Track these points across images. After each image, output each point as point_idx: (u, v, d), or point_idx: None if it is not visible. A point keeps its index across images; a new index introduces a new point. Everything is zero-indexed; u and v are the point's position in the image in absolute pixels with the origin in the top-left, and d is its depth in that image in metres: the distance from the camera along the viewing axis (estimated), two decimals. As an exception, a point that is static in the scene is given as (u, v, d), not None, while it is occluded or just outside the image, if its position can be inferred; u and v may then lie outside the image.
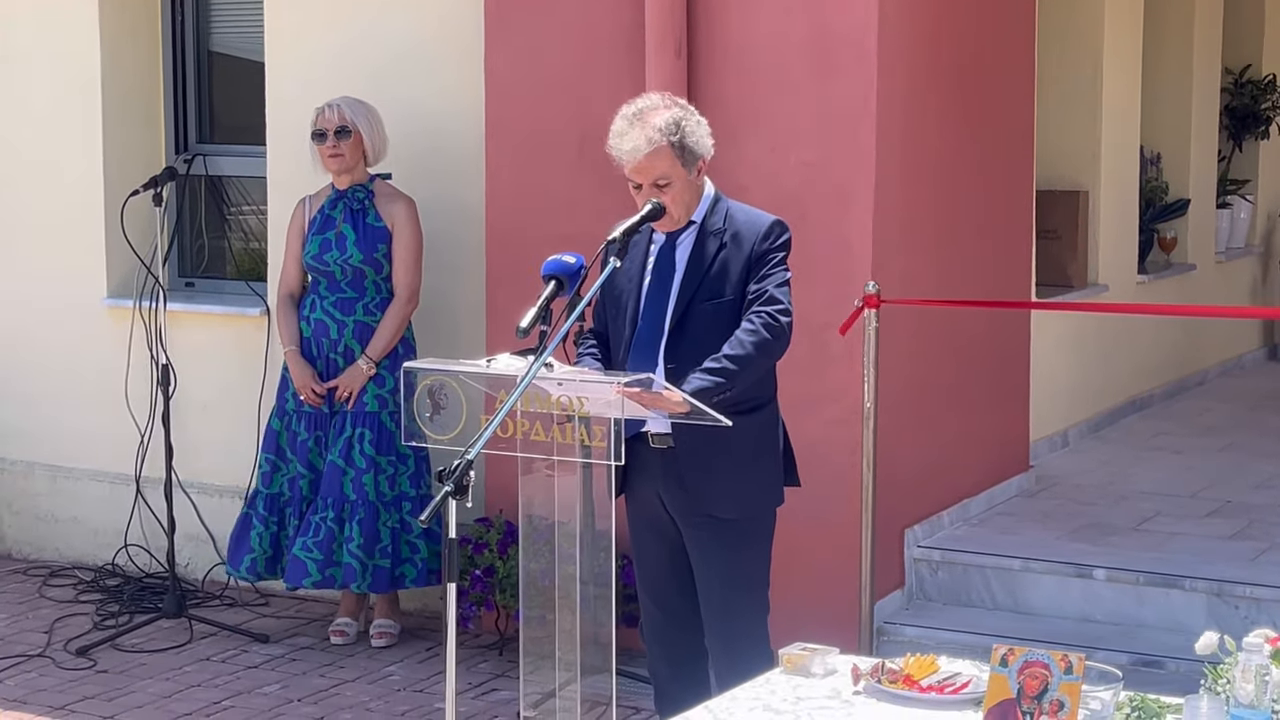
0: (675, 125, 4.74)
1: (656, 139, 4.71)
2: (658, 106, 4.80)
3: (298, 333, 6.86)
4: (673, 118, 4.76)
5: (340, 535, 6.72)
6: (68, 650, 6.83)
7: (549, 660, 4.61)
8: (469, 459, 3.97)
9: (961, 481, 7.16)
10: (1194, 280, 10.50)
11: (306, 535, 6.71)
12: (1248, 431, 9.09)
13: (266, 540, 6.85)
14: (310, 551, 6.70)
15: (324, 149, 6.79)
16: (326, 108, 6.80)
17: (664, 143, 4.72)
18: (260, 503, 6.88)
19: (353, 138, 6.78)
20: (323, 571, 6.71)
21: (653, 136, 4.71)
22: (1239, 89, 11.50)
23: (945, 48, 6.78)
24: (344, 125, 6.76)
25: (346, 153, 6.78)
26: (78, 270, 7.90)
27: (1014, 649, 3.53)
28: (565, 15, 6.62)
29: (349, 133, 6.77)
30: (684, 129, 4.76)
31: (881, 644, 6.25)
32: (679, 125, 4.75)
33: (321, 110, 6.81)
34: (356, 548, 6.70)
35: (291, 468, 6.84)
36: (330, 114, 6.78)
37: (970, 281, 7.05)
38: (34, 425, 8.11)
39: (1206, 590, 6.30)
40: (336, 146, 6.77)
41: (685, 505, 4.85)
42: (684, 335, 4.79)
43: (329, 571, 6.71)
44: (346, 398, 6.74)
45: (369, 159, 6.86)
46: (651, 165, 4.73)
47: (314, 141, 6.82)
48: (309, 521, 6.73)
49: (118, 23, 7.82)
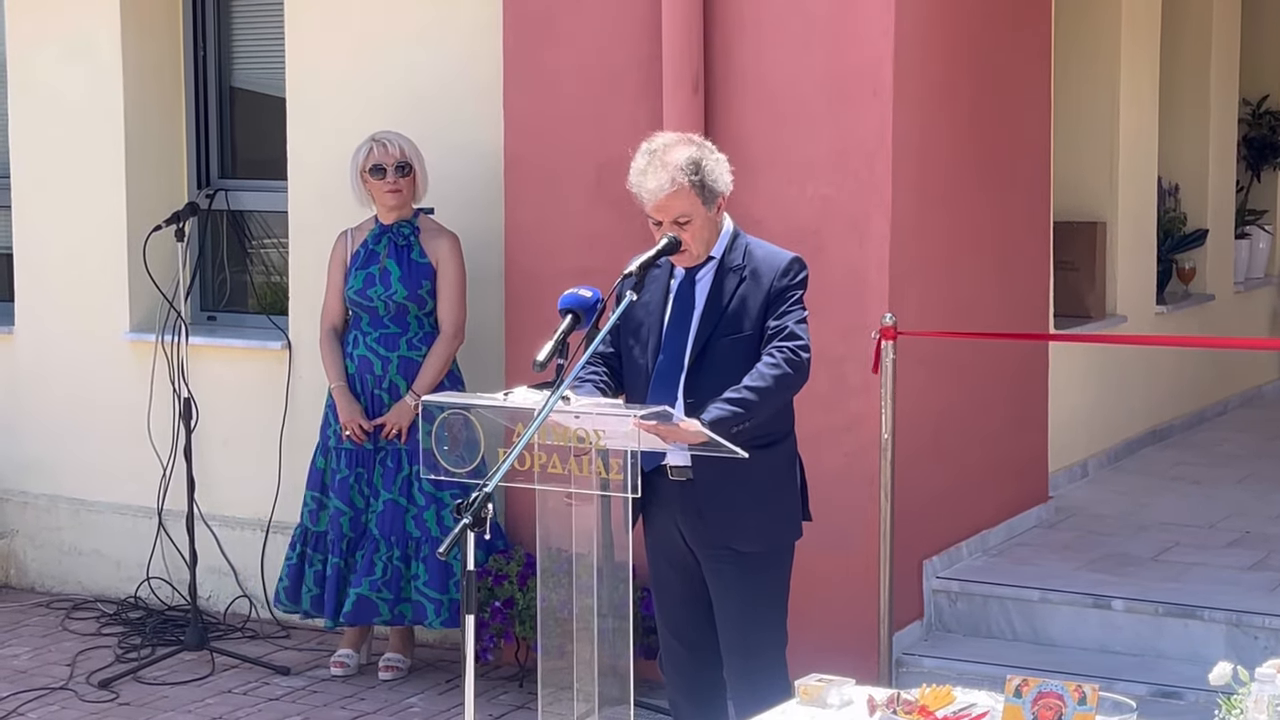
0: (695, 165, 4.78)
1: (679, 178, 4.75)
2: (677, 144, 4.84)
3: (344, 368, 6.85)
4: (692, 157, 4.79)
5: (407, 573, 6.72)
6: (90, 683, 6.86)
7: (568, 691, 4.63)
8: (487, 491, 4.01)
9: (980, 512, 7.17)
10: (1212, 311, 10.49)
11: (372, 575, 6.69)
12: (1267, 462, 9.07)
13: (311, 579, 6.86)
14: (380, 591, 6.69)
15: (382, 184, 6.72)
16: (385, 143, 6.74)
17: (685, 182, 4.76)
18: (309, 541, 6.88)
19: (410, 175, 6.76)
20: (392, 610, 6.72)
21: (676, 176, 4.75)
22: (1257, 119, 11.50)
23: (961, 80, 6.81)
24: (405, 162, 6.72)
25: (405, 189, 6.75)
26: (100, 304, 7.95)
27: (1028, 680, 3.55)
28: (583, 51, 6.66)
29: (409, 170, 6.74)
30: (704, 168, 4.80)
31: (900, 675, 6.26)
32: (699, 165, 4.79)
33: (380, 144, 6.73)
34: (424, 585, 6.69)
35: (332, 504, 6.84)
36: (392, 150, 6.72)
37: (988, 313, 7.07)
38: (57, 459, 8.15)
39: (1226, 621, 6.29)
40: (397, 184, 6.72)
41: (704, 537, 4.87)
42: (703, 370, 4.82)
43: (399, 609, 6.72)
44: (395, 435, 6.74)
45: (420, 195, 6.84)
46: (672, 204, 4.77)
47: (371, 175, 6.73)
48: (369, 561, 6.70)
49: (141, 58, 7.88)
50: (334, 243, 6.95)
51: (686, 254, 4.83)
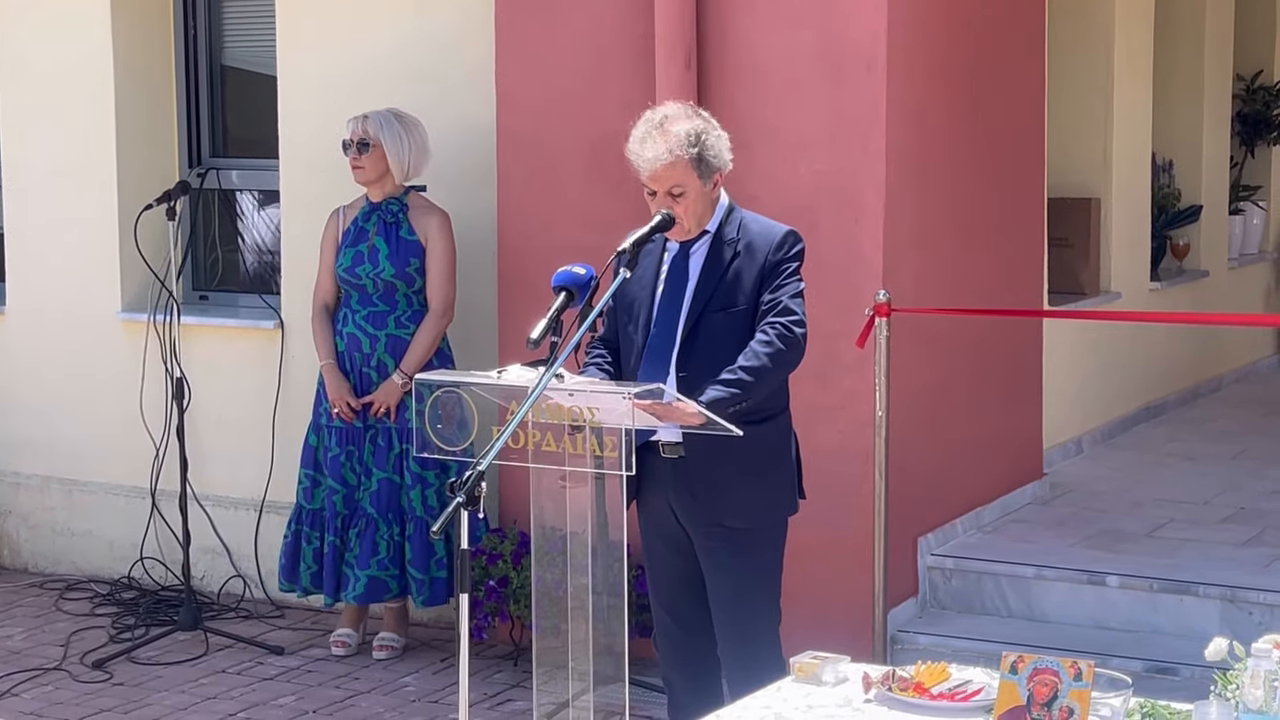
0: (696, 137, 4.76)
1: (677, 150, 4.73)
2: (680, 116, 4.81)
3: (334, 346, 6.85)
4: (694, 129, 4.77)
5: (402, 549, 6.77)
6: (84, 663, 6.85)
7: (563, 670, 4.62)
8: (480, 470, 3.99)
9: (975, 489, 7.16)
10: (1207, 287, 10.49)
11: (378, 554, 6.71)
12: (1261, 438, 9.08)
13: (310, 556, 6.86)
14: (388, 569, 6.72)
15: (349, 161, 6.79)
16: (354, 120, 6.79)
17: (683, 154, 4.74)
18: (305, 519, 6.88)
19: (373, 152, 6.74)
20: (399, 584, 6.76)
21: (673, 147, 4.73)
22: (1250, 95, 11.49)
23: (955, 56, 6.79)
24: (364, 139, 6.74)
25: (366, 166, 6.75)
26: (92, 284, 7.93)
27: (1023, 656, 3.54)
28: (576, 27, 6.64)
29: (368, 146, 6.74)
30: (704, 141, 4.77)
31: (895, 652, 6.26)
32: (700, 137, 4.77)
33: (354, 120, 6.79)
34: (409, 563, 6.72)
35: (326, 482, 6.84)
36: (355, 127, 6.77)
37: (982, 289, 7.06)
38: (49, 439, 8.14)
39: (1220, 597, 6.30)
40: (357, 160, 6.76)
41: (697, 515, 4.86)
42: (696, 344, 4.80)
43: (401, 583, 6.76)
44: (384, 413, 6.74)
45: (400, 173, 6.82)
46: (668, 175, 4.75)
47: (345, 151, 6.81)
48: (371, 542, 6.71)
49: (131, 37, 7.85)
50: (326, 220, 6.94)
51: (678, 227, 4.81)
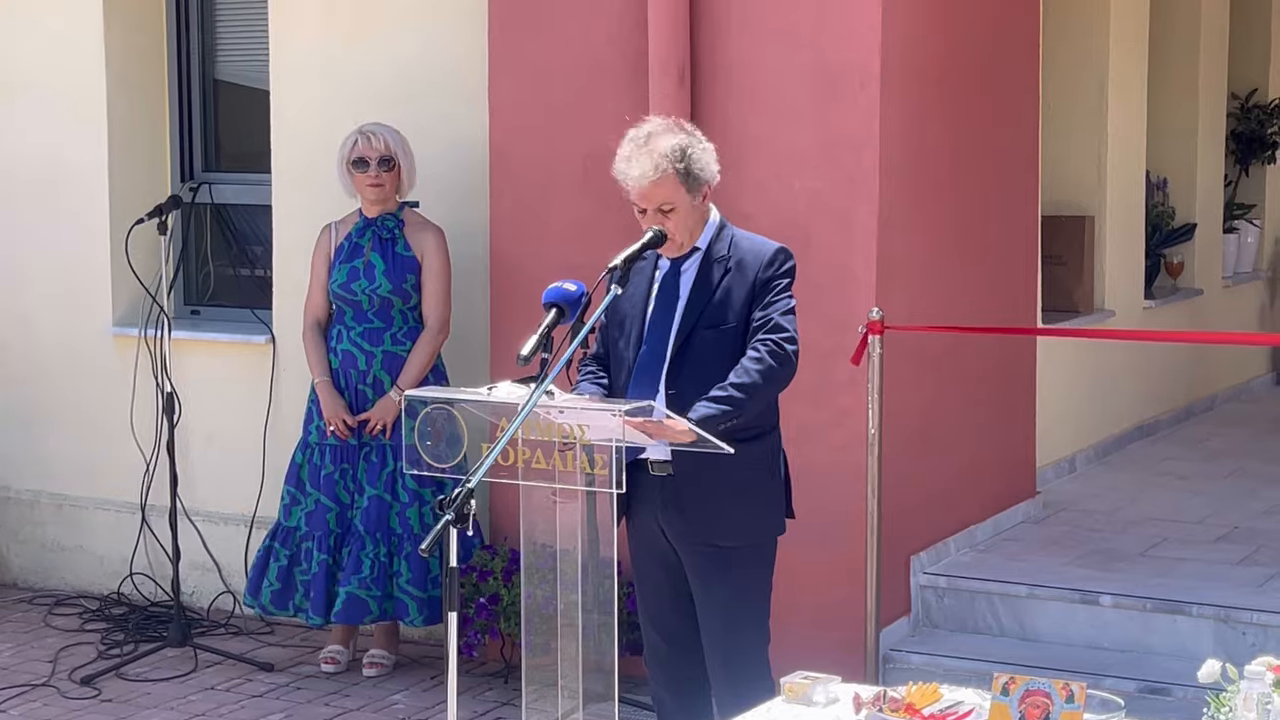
0: (681, 152, 4.75)
1: (663, 165, 4.72)
2: (664, 131, 4.81)
3: (328, 363, 6.80)
4: (679, 144, 4.77)
5: (391, 570, 6.69)
6: (73, 679, 6.82)
7: (553, 688, 4.61)
8: (470, 487, 3.98)
9: (968, 508, 7.15)
10: (1201, 305, 10.49)
11: (360, 573, 6.65)
12: (1255, 457, 9.07)
13: (274, 574, 6.82)
14: (370, 589, 6.66)
15: (364, 177, 6.67)
16: (371, 135, 6.68)
17: (669, 169, 4.73)
18: (279, 535, 6.85)
19: (394, 169, 6.71)
20: (381, 607, 6.69)
21: (659, 163, 4.72)
22: (1245, 113, 11.49)
23: (949, 73, 6.78)
24: (388, 156, 6.68)
25: (387, 183, 6.71)
26: (83, 299, 7.90)
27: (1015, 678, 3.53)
28: (569, 42, 6.63)
29: (392, 164, 6.69)
30: (690, 155, 4.77)
31: (888, 671, 6.23)
32: (685, 152, 4.76)
33: (365, 136, 6.68)
34: (407, 582, 6.66)
35: (310, 501, 6.78)
36: (376, 142, 6.67)
37: (976, 307, 7.04)
38: (39, 454, 8.10)
39: (1214, 616, 6.28)
40: (379, 178, 6.68)
41: (685, 532, 4.84)
42: (686, 361, 4.79)
43: (384, 606, 6.70)
44: (380, 430, 6.70)
45: (404, 190, 6.79)
46: (656, 192, 4.74)
47: (354, 168, 6.69)
48: (356, 559, 6.67)
49: (123, 51, 7.84)
50: (318, 236, 6.91)
51: (670, 243, 4.81)
